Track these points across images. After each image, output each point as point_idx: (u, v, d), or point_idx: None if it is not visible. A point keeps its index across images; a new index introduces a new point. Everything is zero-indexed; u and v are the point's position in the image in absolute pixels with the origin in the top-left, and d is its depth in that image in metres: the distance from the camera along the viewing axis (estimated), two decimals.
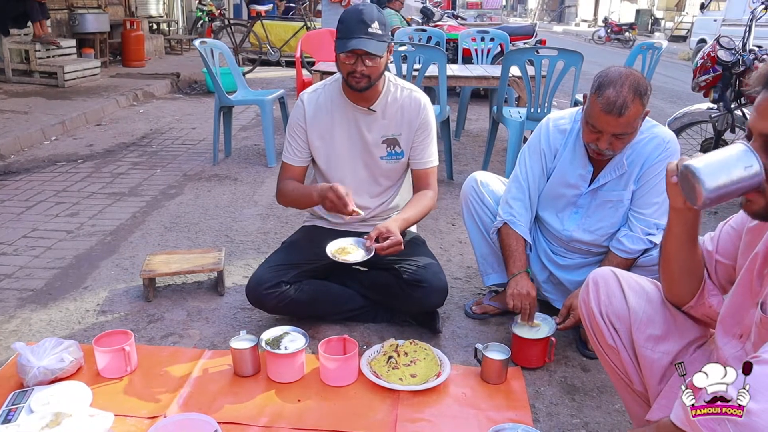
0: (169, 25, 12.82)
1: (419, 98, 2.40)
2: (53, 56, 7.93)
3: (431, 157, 2.46)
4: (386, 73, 2.35)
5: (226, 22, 11.02)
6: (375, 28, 2.15)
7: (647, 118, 2.20)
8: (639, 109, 2.01)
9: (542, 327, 2.26)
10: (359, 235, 2.44)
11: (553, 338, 2.23)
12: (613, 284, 1.61)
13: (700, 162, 1.17)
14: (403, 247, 2.19)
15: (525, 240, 2.36)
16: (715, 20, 14.22)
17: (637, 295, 1.57)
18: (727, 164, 1.14)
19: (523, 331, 2.23)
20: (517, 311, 2.28)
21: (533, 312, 2.27)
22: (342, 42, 2.16)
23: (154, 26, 12.13)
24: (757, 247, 1.28)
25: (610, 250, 2.30)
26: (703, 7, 14.37)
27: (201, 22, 11.52)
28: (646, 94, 2.03)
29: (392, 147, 2.41)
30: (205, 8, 11.31)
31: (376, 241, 2.17)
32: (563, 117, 2.37)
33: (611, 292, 1.60)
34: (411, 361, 2.16)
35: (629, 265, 2.23)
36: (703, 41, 14.28)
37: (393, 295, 2.39)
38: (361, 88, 2.24)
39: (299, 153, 2.44)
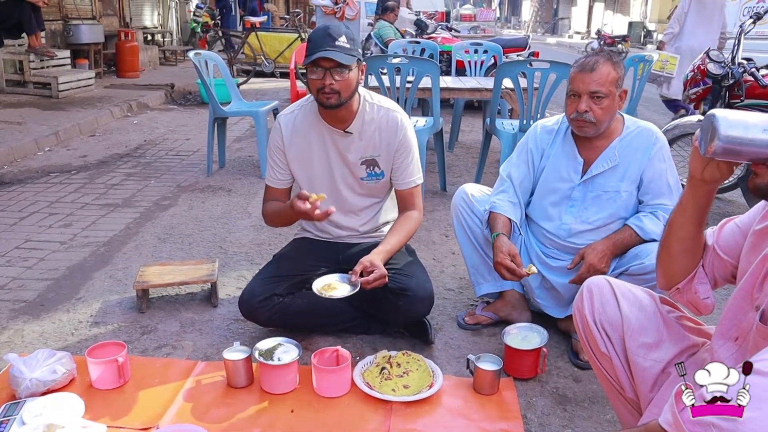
0: (163, 36, 12.85)
1: (396, 117, 2.37)
2: (47, 67, 7.93)
3: (413, 177, 2.44)
4: (361, 90, 2.34)
5: (220, 33, 11.07)
6: (342, 41, 2.14)
7: (629, 116, 2.39)
8: (611, 71, 2.20)
9: (534, 338, 2.27)
10: (348, 246, 2.46)
11: (544, 349, 2.24)
12: (606, 292, 1.62)
13: (724, 111, 1.20)
14: (387, 280, 2.20)
15: (509, 219, 2.39)
16: None
17: (630, 303, 1.59)
18: (749, 122, 1.17)
19: (515, 342, 2.24)
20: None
21: (519, 265, 2.25)
22: (308, 57, 2.15)
23: (149, 37, 12.15)
24: (766, 250, 1.29)
25: (625, 224, 2.33)
26: None
27: (197, 33, 11.51)
28: (619, 65, 2.24)
29: (372, 168, 2.39)
30: (200, 19, 11.34)
31: (361, 275, 2.17)
32: (550, 120, 2.52)
33: (605, 299, 1.61)
34: (403, 372, 2.16)
35: (635, 244, 2.27)
36: None
37: (379, 304, 2.38)
38: (331, 105, 2.20)
39: (281, 175, 2.43)
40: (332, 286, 2.21)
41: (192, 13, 11.97)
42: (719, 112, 1.19)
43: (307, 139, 2.37)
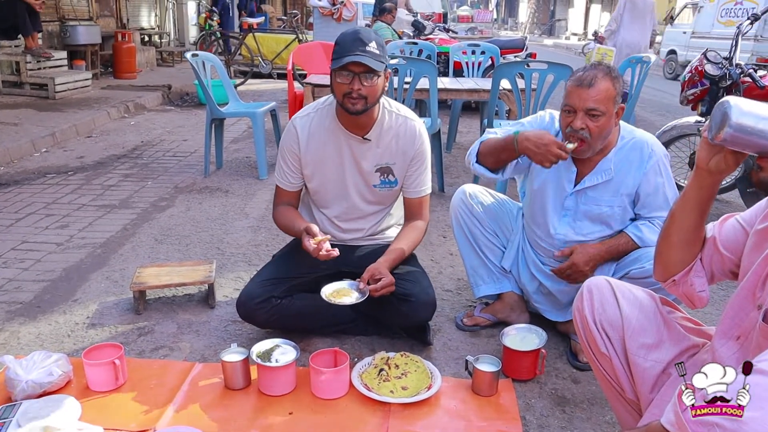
0: (160, 37, 12.84)
1: (415, 127, 2.38)
2: (44, 68, 7.91)
3: (424, 186, 2.45)
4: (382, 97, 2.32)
5: (218, 34, 11.04)
6: (373, 47, 2.13)
7: (626, 123, 2.30)
8: (610, 88, 2.11)
9: (533, 339, 2.27)
10: (350, 249, 2.45)
11: (543, 350, 2.23)
12: (606, 293, 1.62)
13: (737, 99, 1.20)
14: (394, 287, 2.21)
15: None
16: (684, 32, 14.63)
17: (630, 304, 1.58)
18: (761, 114, 1.17)
19: (513, 343, 2.24)
20: (557, 159, 2.14)
21: (564, 143, 2.14)
22: (337, 60, 2.13)
23: (146, 38, 12.14)
24: (767, 250, 1.29)
25: (623, 231, 2.31)
26: (672, 19, 14.91)
27: (213, 37, 11.43)
28: (617, 79, 2.15)
29: (386, 175, 2.40)
30: (214, 23, 11.33)
31: (368, 283, 2.19)
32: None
33: (605, 300, 1.61)
34: (402, 374, 2.15)
35: (630, 251, 2.27)
36: (673, 53, 14.84)
37: (381, 308, 2.38)
38: (357, 111, 2.18)
39: (293, 178, 2.42)
40: (341, 292, 2.22)
41: (209, 17, 11.91)
42: (733, 99, 1.19)
43: (323, 143, 2.36)
